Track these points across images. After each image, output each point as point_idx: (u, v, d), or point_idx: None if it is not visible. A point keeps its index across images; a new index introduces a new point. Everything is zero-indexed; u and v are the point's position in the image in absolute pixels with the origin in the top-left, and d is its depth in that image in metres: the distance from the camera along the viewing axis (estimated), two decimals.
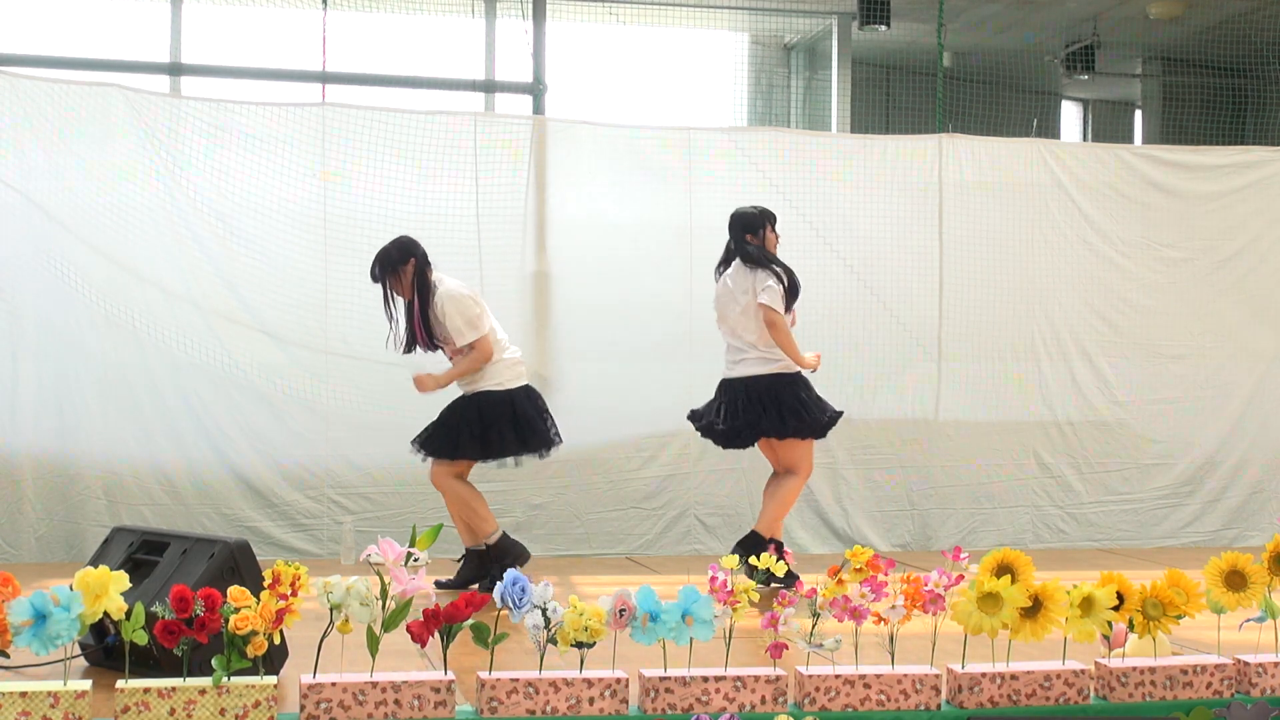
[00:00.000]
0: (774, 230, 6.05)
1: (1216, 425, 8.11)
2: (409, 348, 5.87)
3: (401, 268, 5.78)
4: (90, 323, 6.88)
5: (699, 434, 6.21)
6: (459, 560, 6.03)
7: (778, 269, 5.90)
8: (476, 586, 5.58)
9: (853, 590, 3.42)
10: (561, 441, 5.97)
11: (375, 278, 5.82)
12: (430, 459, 5.86)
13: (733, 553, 5.82)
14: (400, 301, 5.86)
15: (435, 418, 5.91)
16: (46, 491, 6.85)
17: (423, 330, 5.78)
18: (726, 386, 6.02)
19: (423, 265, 5.81)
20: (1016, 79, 11.21)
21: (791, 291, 5.90)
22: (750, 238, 5.98)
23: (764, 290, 5.83)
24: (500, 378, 5.83)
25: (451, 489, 5.86)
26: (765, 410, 5.86)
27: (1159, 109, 11.76)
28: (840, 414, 6.01)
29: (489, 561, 5.79)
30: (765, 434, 5.92)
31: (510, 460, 5.93)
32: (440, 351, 5.93)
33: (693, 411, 6.17)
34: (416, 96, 8.05)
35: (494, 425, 5.79)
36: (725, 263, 6.08)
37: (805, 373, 5.97)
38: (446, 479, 5.85)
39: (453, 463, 5.83)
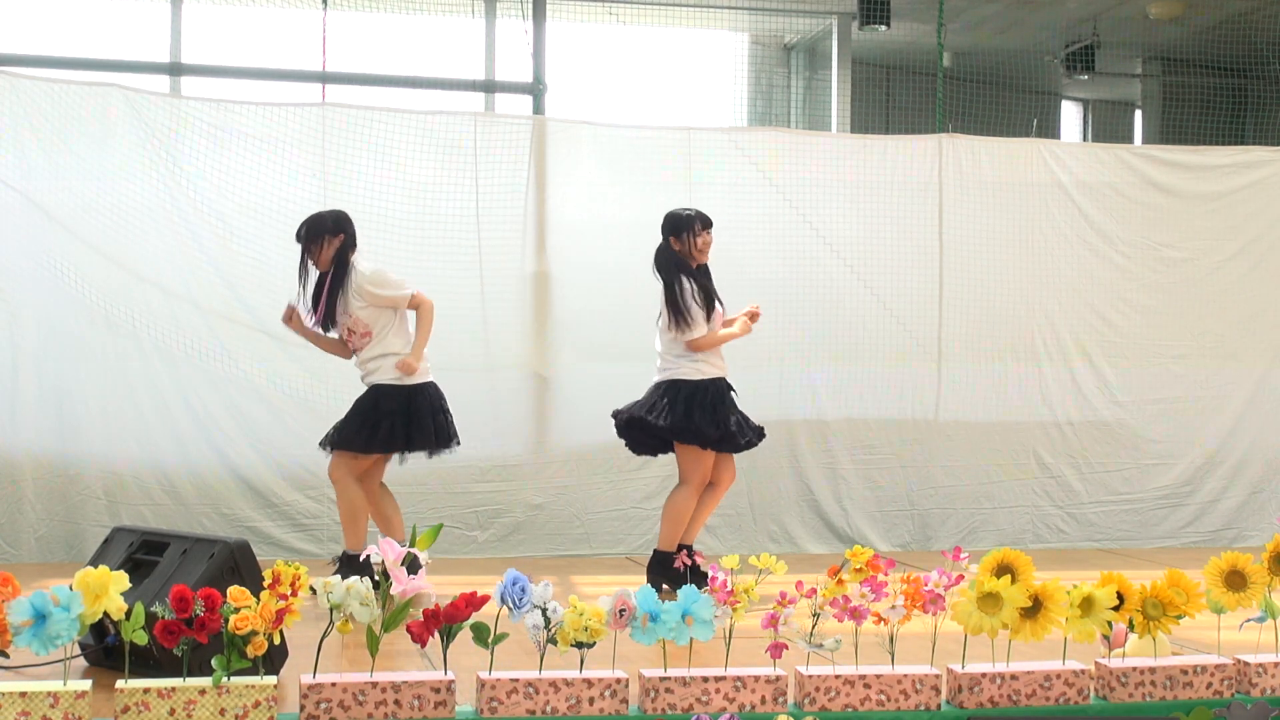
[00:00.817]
0: (707, 233, 5.79)
1: (1216, 425, 8.10)
2: (312, 315, 5.75)
3: (330, 238, 5.69)
4: (90, 323, 6.88)
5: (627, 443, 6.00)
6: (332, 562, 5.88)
7: (680, 283, 5.65)
8: None
9: (853, 590, 3.42)
10: (459, 444, 5.82)
11: (299, 238, 5.73)
12: (331, 451, 5.71)
13: (648, 576, 5.76)
14: (313, 271, 5.75)
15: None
16: (46, 491, 6.85)
17: (326, 307, 5.70)
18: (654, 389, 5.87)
19: (349, 244, 5.73)
20: (1016, 79, 11.22)
21: (707, 301, 5.67)
22: (673, 240, 5.77)
23: (678, 329, 5.62)
24: (399, 371, 5.68)
25: (345, 488, 5.67)
26: (659, 414, 5.69)
27: (1159, 109, 11.76)
28: (721, 438, 5.71)
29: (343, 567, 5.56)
30: (661, 438, 5.78)
31: (397, 457, 5.77)
32: (334, 332, 5.79)
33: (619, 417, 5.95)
34: (416, 96, 8.04)
35: (386, 417, 5.63)
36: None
37: (715, 387, 5.72)
38: (343, 475, 5.67)
39: (354, 459, 5.66)
